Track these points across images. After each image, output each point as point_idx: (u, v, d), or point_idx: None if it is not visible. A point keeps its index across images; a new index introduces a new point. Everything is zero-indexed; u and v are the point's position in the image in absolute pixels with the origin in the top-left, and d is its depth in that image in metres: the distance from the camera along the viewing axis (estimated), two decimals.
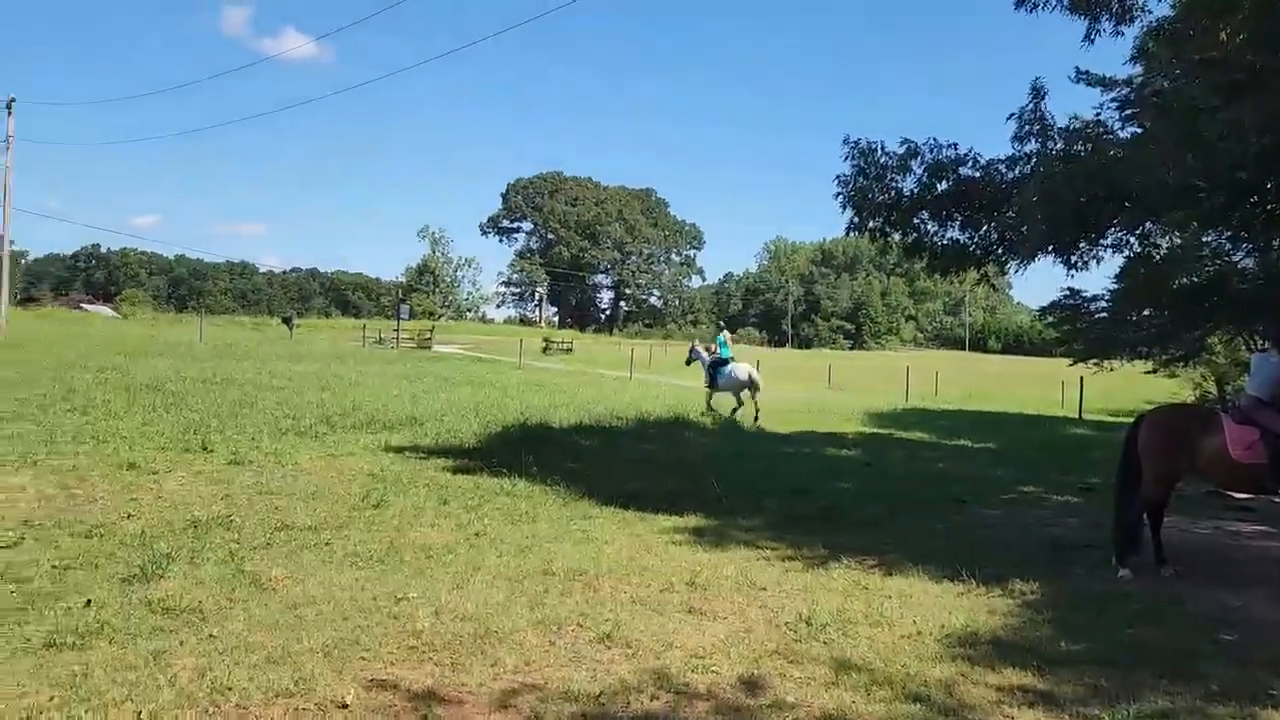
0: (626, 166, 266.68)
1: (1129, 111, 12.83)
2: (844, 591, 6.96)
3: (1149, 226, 13.45)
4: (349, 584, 6.52)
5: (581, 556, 7.69)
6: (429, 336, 61.97)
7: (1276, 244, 12.64)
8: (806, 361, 70.08)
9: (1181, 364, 18.13)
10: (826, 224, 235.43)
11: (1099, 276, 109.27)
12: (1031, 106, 13.11)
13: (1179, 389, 26.20)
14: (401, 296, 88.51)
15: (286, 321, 71.88)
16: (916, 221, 13.98)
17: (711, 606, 6.42)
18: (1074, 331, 15.23)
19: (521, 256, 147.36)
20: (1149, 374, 18.74)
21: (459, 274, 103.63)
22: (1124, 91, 13.21)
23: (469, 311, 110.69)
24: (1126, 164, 11.28)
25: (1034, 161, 12.89)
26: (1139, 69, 13.52)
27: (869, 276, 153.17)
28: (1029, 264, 13.63)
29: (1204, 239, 13.32)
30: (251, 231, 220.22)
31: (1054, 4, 12.68)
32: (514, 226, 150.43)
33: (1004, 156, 13.42)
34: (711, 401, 22.91)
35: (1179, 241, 13.69)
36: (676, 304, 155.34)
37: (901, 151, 13.49)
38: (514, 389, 26.38)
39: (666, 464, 13.65)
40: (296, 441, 13.39)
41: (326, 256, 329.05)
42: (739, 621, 6.13)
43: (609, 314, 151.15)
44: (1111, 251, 13.89)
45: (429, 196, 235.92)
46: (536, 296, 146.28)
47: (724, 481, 11.56)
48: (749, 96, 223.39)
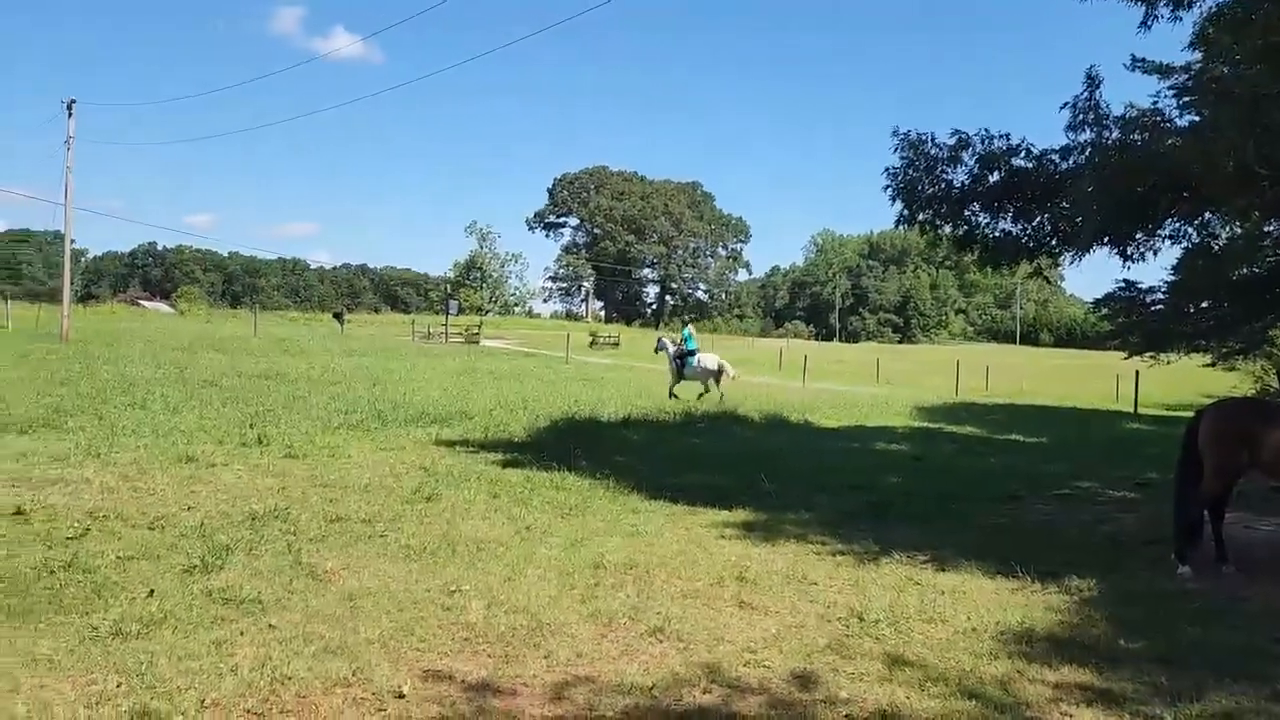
0: (672, 160, 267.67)
1: (1188, 99, 12.50)
2: (896, 587, 6.91)
3: (1208, 216, 13.17)
4: (403, 576, 6.61)
5: (632, 550, 7.72)
6: (477, 331, 62.58)
7: None
8: (854, 355, 69.54)
9: (1241, 356, 17.77)
10: (874, 216, 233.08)
11: (1154, 268, 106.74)
12: (1086, 95, 12.85)
13: (1238, 382, 25.62)
14: (450, 292, 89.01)
15: (337, 317, 72.80)
16: (967, 214, 13.80)
17: (762, 601, 6.41)
18: (1130, 324, 14.94)
19: (568, 251, 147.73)
20: (1206, 367, 18.38)
21: (506, 269, 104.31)
22: (1182, 79, 12.87)
23: (516, 307, 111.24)
24: (1185, 153, 11.00)
25: (1089, 151, 12.63)
26: (1198, 55, 13.18)
27: (917, 269, 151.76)
28: (1084, 256, 13.42)
29: (1266, 229, 12.99)
30: (302, 232, 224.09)
31: None
32: (560, 221, 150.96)
33: (1057, 146, 13.21)
34: (674, 389, 24.38)
35: (1239, 231, 13.37)
36: (723, 298, 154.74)
37: (952, 143, 13.33)
38: (562, 383, 26.67)
39: (714, 458, 13.64)
40: (349, 435, 13.63)
41: (376, 253, 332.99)
42: (790, 616, 6.12)
43: (655, 308, 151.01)
44: (1169, 242, 13.56)
45: (476, 193, 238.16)
46: (583, 291, 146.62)
47: (773, 476, 11.52)
48: (797, 88, 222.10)
